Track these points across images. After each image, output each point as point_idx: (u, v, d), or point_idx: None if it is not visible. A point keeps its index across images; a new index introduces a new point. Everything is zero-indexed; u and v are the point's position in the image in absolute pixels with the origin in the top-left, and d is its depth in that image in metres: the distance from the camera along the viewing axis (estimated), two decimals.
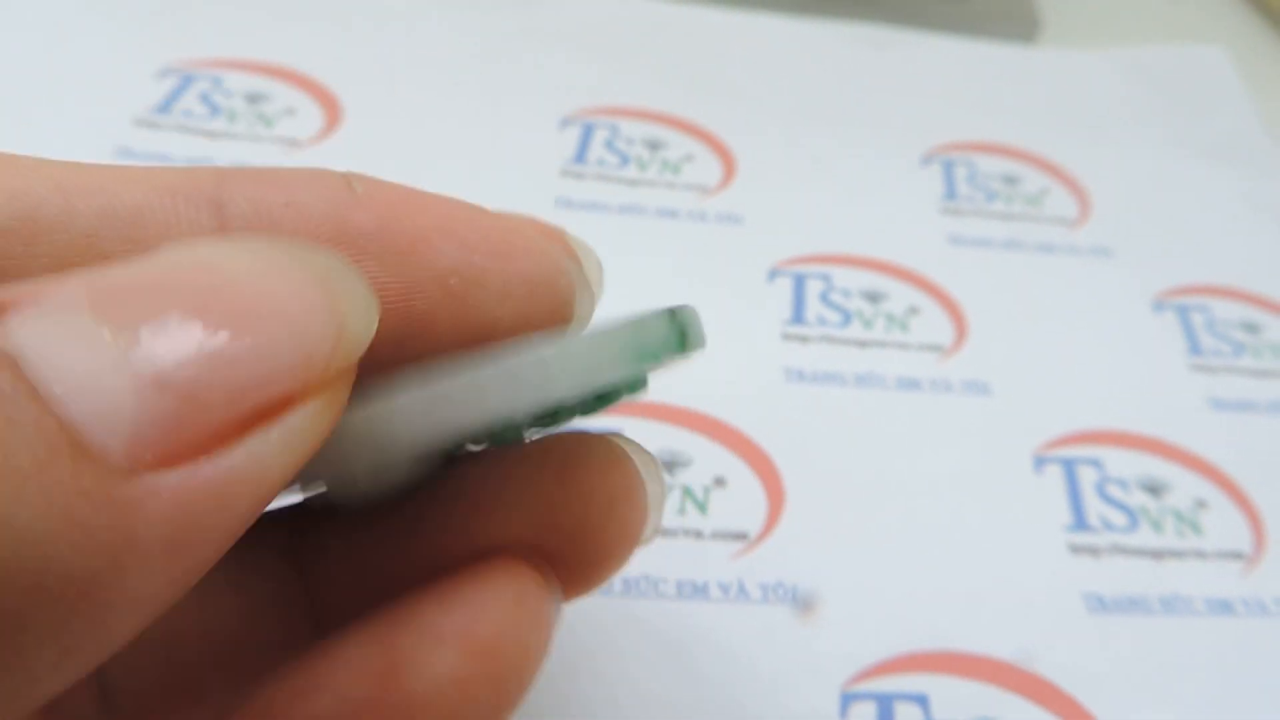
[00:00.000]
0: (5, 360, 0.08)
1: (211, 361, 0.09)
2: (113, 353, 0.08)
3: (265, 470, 0.09)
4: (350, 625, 0.13)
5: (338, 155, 0.32)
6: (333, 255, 0.11)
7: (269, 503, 0.10)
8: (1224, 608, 0.24)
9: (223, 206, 0.13)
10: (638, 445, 0.15)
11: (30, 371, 0.08)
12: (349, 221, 0.13)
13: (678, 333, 0.14)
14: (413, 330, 0.14)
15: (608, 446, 0.15)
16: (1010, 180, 0.35)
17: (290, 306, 0.10)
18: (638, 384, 0.16)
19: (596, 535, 0.14)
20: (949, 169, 0.35)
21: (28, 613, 0.08)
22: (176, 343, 0.09)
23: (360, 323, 0.11)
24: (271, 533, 0.15)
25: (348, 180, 0.14)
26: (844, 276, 0.30)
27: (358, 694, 0.12)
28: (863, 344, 0.29)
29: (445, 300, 0.14)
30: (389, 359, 0.13)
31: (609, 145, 0.33)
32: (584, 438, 0.15)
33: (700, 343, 0.15)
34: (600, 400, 0.15)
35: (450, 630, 0.12)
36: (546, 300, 0.14)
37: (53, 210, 0.12)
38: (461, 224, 0.14)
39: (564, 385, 0.13)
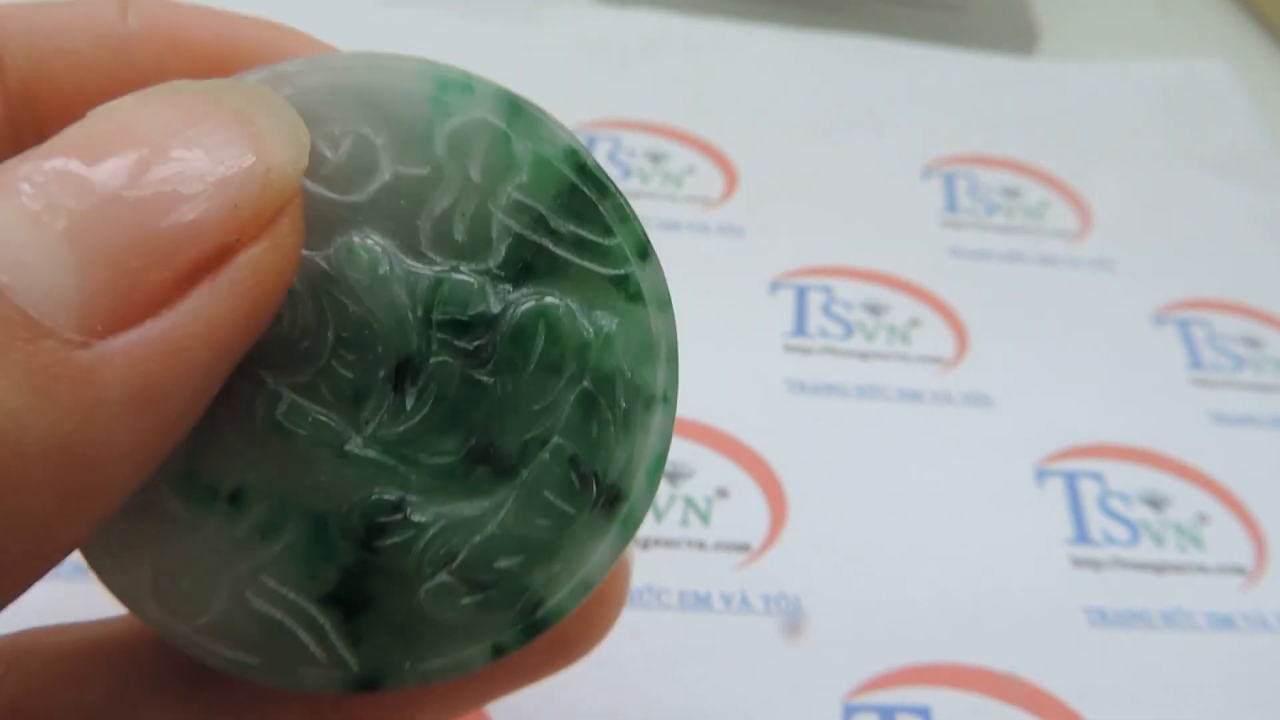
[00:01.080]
0: None
1: (137, 227, 0.10)
2: (48, 235, 0.09)
3: (215, 319, 0.10)
4: None
5: None
6: (252, 87, 0.11)
7: (234, 349, 0.11)
8: (1225, 622, 0.24)
9: None
10: None
11: None
12: (126, 65, 0.13)
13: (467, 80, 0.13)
14: None
15: None
16: (1011, 193, 0.35)
17: (209, 156, 0.10)
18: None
19: None
20: (950, 181, 0.35)
21: (18, 474, 0.09)
22: (100, 214, 0.09)
23: (287, 155, 0.11)
24: None
25: (123, 8, 0.14)
26: (845, 288, 0.31)
27: None
28: (864, 356, 0.29)
29: None
30: None
31: (611, 158, 0.34)
32: None
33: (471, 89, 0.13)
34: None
35: None
36: None
37: None
38: (239, 41, 0.14)
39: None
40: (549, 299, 0.12)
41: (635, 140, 0.34)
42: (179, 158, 0.10)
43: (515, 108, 0.13)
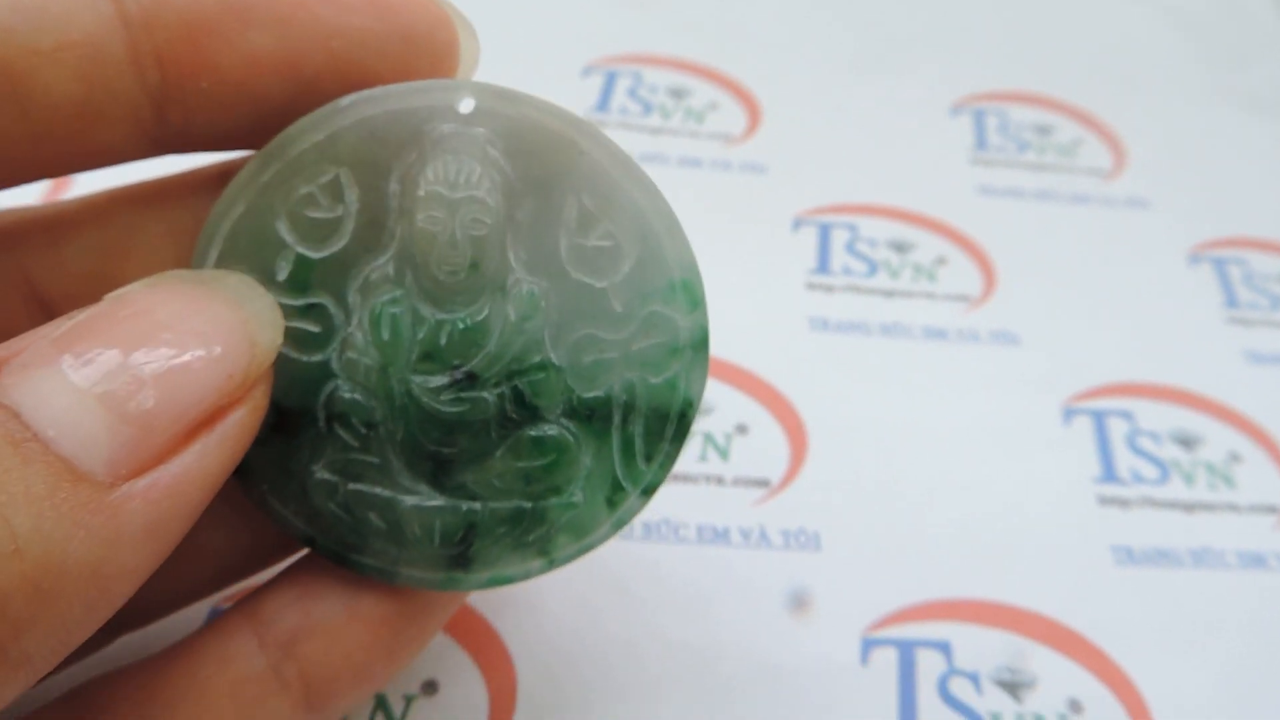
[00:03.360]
0: (9, 413, 0.12)
1: (158, 394, 0.12)
2: (86, 399, 0.12)
3: (209, 465, 0.13)
4: None
5: None
6: (241, 278, 0.14)
7: (217, 488, 0.13)
8: (1256, 561, 0.23)
9: None
10: None
11: (30, 420, 0.12)
12: None
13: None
14: (301, 93, 0.15)
15: None
16: (1043, 130, 0.34)
17: (212, 340, 0.13)
18: None
19: None
20: (979, 118, 0.34)
21: (59, 588, 0.11)
22: (130, 385, 0.12)
23: (268, 335, 0.14)
24: None
25: None
26: (870, 226, 0.30)
27: None
28: (889, 293, 0.28)
29: (329, 63, 0.15)
30: (279, 125, 0.15)
31: (632, 93, 0.33)
32: None
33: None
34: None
35: None
36: (427, 53, 0.15)
37: None
38: None
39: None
40: (566, 432, 0.15)
41: (657, 76, 0.33)
42: (190, 340, 0.13)
43: (701, 343, 0.16)
